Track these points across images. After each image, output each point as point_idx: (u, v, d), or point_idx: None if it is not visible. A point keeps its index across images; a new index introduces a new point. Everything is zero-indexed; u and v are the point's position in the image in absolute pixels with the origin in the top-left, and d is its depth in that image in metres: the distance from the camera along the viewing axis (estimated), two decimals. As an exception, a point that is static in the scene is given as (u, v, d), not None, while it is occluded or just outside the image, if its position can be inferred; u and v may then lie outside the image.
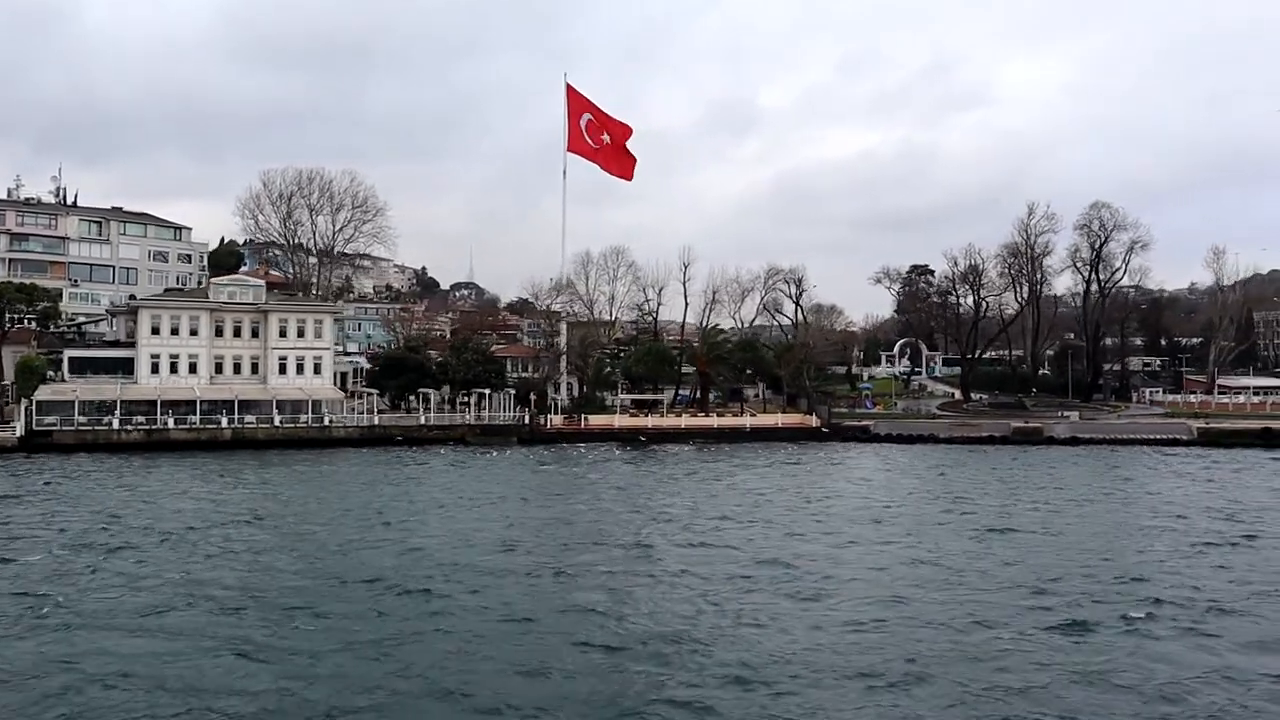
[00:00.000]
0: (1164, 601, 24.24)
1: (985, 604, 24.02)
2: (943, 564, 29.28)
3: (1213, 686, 17.95)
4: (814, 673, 18.68)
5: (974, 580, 27.01)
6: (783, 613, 23.32)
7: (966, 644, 20.59)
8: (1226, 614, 23.16)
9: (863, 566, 29.00)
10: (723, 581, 26.94)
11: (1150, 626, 22.02)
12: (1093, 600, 24.46)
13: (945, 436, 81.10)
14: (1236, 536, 34.51)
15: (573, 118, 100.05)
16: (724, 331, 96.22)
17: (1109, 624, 22.19)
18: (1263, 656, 19.83)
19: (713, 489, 50.13)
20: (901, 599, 24.65)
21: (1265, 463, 62.76)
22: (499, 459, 68.54)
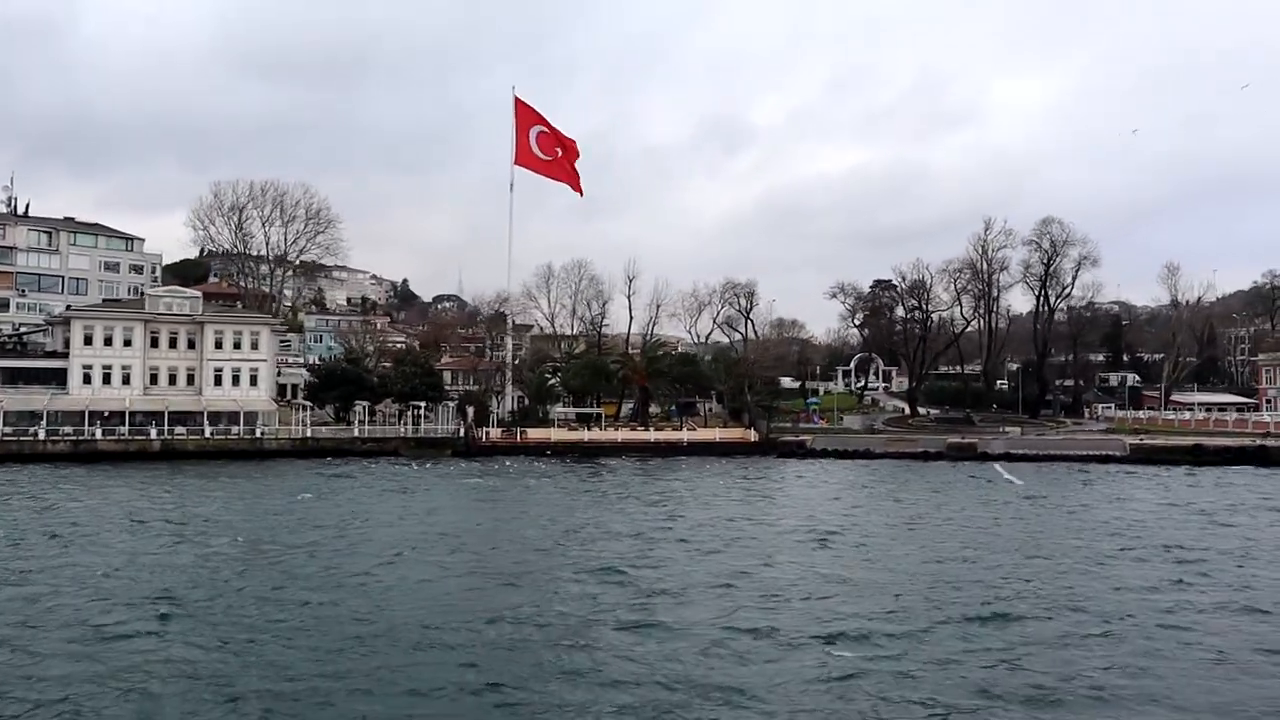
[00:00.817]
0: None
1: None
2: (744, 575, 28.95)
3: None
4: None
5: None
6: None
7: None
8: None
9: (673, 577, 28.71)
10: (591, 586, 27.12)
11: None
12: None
13: (880, 452, 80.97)
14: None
15: (521, 131, 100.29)
16: (665, 345, 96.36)
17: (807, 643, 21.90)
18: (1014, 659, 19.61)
19: (625, 505, 49.62)
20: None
21: (1180, 478, 62.53)
22: (421, 472, 68.21)
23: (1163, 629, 22.52)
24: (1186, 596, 26.02)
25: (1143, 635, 21.92)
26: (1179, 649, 20.79)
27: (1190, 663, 19.78)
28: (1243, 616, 23.92)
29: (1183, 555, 32.61)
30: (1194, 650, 20.70)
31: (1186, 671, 19.15)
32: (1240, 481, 60.19)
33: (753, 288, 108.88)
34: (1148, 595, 26.17)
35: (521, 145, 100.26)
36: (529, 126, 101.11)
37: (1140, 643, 21.26)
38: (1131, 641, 21.39)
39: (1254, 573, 29.59)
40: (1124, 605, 24.82)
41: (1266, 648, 20.88)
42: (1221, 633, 22.22)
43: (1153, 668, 19.38)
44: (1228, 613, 24.26)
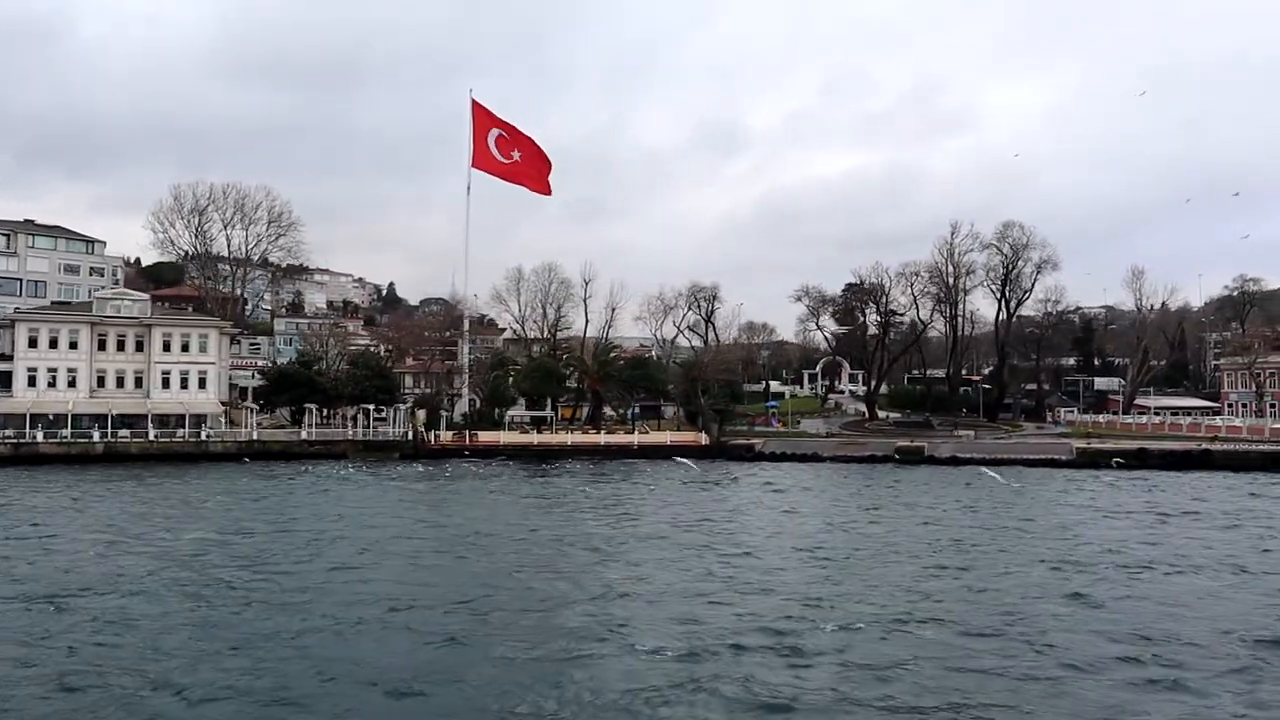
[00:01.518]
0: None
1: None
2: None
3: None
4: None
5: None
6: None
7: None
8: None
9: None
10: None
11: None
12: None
13: (828, 455, 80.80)
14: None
15: (479, 134, 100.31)
16: (617, 348, 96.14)
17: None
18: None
19: (552, 509, 49.43)
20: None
21: (1116, 483, 62.33)
22: (356, 475, 68.01)
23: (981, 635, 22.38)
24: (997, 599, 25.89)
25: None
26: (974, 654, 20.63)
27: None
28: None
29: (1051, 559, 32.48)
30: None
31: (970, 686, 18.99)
32: (1168, 485, 60.03)
33: (715, 291, 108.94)
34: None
35: (479, 149, 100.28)
36: (486, 130, 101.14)
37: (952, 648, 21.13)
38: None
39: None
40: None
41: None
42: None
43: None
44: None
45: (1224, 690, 18.00)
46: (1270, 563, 31.93)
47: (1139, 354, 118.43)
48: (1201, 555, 33.09)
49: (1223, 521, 42.11)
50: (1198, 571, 30.14)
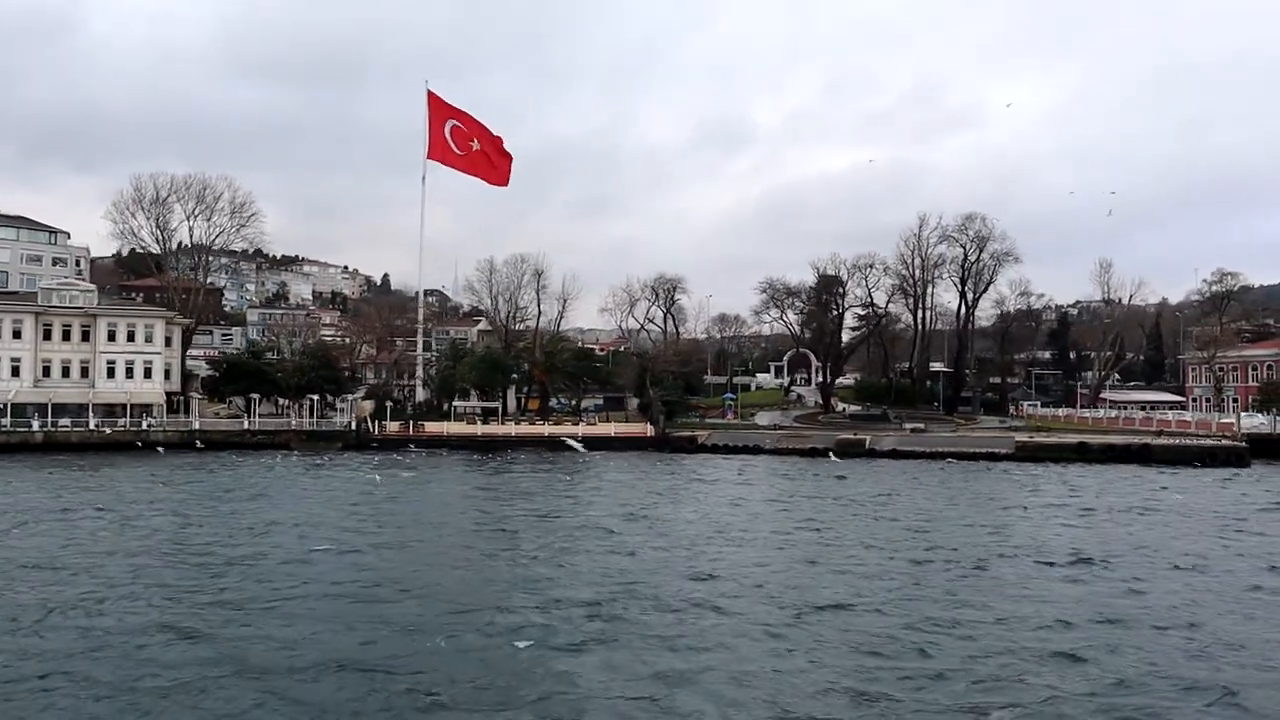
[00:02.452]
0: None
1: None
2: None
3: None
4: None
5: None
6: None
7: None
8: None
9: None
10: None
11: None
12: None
13: (770, 448, 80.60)
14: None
15: (434, 125, 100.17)
16: (565, 340, 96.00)
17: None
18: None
19: (465, 497, 49.54)
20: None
21: (1039, 476, 61.89)
22: (288, 464, 68.28)
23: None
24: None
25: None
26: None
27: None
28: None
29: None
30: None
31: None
32: (1089, 478, 59.60)
33: (675, 283, 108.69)
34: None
35: (435, 139, 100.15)
36: (443, 120, 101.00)
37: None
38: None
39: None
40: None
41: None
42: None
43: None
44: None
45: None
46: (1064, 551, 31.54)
47: (1105, 348, 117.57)
48: (1031, 547, 32.97)
49: (1104, 515, 41.80)
50: (1007, 565, 30.00)
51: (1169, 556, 31.17)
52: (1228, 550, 32.80)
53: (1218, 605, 24.18)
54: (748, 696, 16.92)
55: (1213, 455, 72.64)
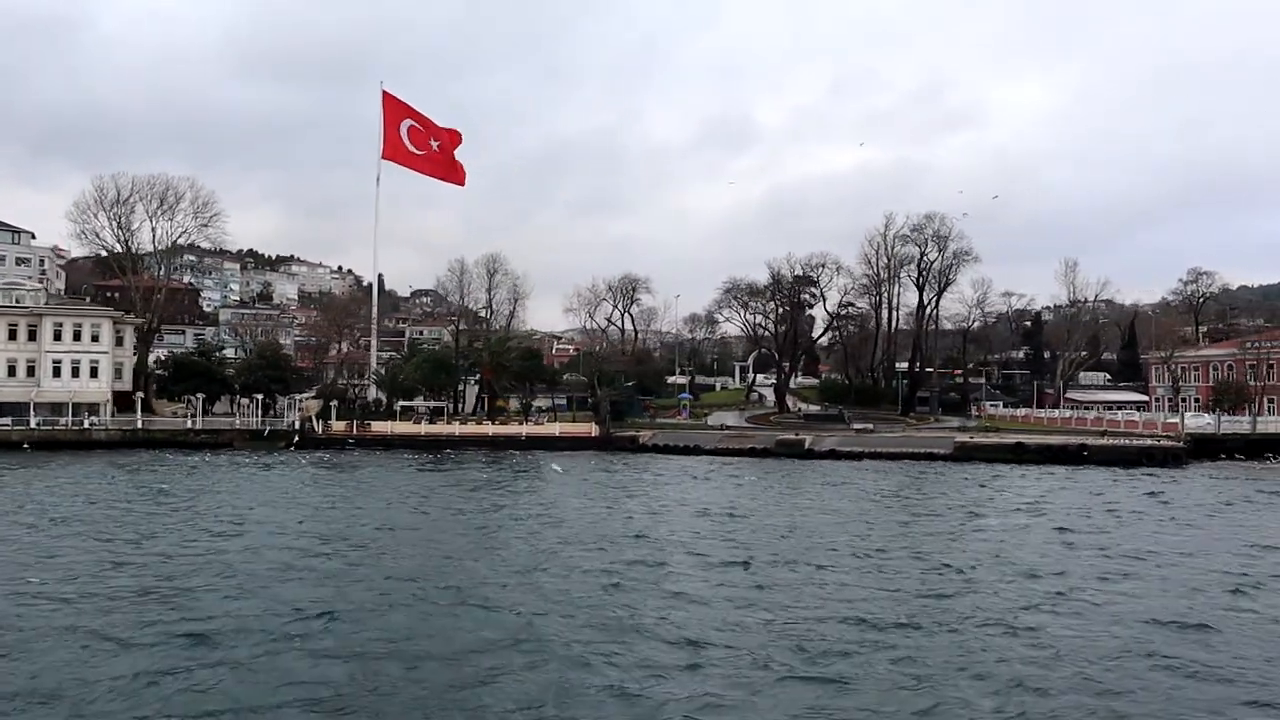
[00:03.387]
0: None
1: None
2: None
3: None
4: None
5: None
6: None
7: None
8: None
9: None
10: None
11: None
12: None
13: (710, 448, 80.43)
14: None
15: (390, 125, 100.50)
16: (513, 339, 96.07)
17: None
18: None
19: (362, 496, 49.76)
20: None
21: (966, 477, 61.55)
22: (218, 462, 68.74)
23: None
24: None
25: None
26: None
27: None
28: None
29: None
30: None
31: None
32: (1007, 478, 59.32)
33: (634, 283, 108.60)
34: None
35: (390, 139, 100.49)
36: (399, 121, 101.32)
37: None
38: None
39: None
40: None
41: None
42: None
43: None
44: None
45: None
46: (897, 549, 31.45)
47: (1070, 348, 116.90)
48: (880, 545, 32.88)
49: (987, 518, 41.60)
50: (838, 562, 29.93)
51: (946, 558, 31.03)
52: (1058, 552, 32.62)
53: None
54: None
55: (1149, 456, 72.26)
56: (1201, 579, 27.65)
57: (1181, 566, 29.78)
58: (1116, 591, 25.99)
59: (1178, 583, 27.21)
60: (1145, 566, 29.75)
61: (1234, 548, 33.37)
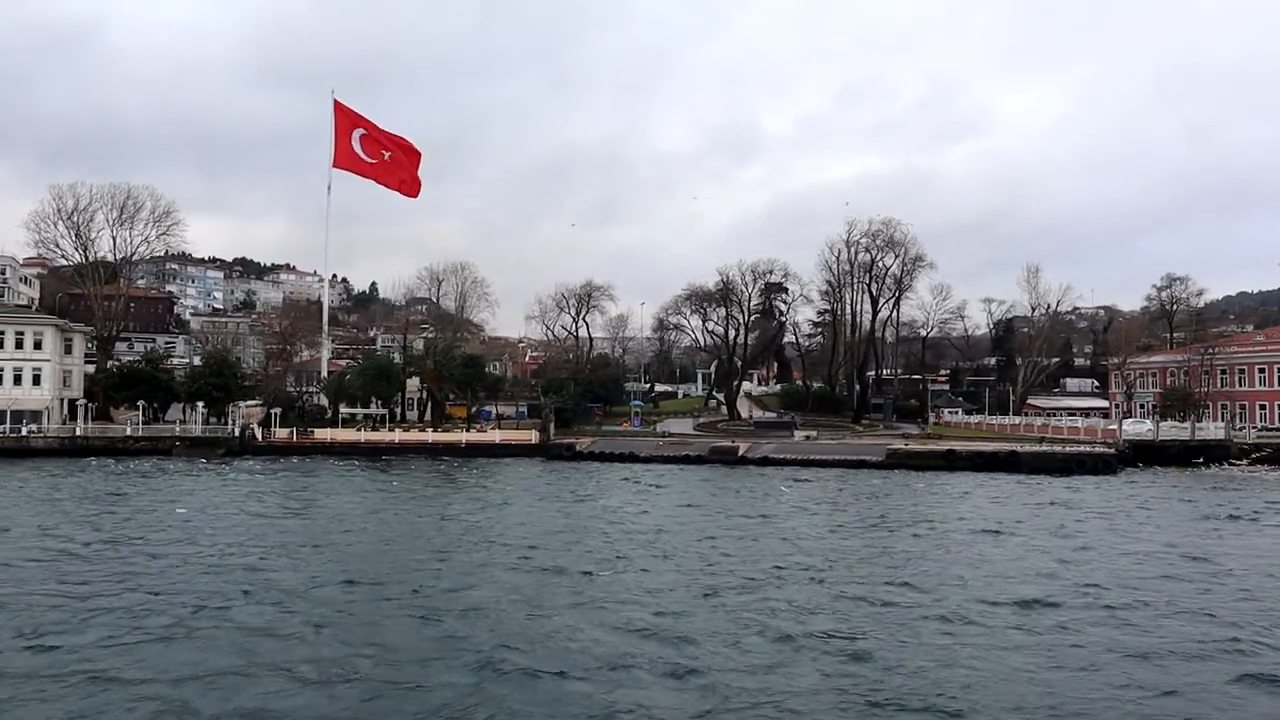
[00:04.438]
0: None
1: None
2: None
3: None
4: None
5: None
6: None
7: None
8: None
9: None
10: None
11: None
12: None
13: (644, 455, 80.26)
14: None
15: (341, 134, 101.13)
16: (456, 347, 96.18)
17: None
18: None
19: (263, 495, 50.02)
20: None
21: (876, 482, 61.26)
22: (139, 467, 69.11)
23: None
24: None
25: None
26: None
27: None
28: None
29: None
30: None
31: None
32: (915, 485, 58.99)
33: (590, 290, 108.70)
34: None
35: (342, 148, 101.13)
36: (350, 130, 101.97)
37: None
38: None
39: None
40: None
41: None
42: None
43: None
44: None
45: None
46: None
47: (1033, 354, 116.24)
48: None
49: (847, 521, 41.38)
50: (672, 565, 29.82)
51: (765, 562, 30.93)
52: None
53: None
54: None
55: (1080, 463, 71.63)
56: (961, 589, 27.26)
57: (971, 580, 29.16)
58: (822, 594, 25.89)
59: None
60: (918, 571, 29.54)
61: (1038, 560, 32.42)
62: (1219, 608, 24.69)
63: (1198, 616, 23.82)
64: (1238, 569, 30.39)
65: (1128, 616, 23.71)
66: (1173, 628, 22.70)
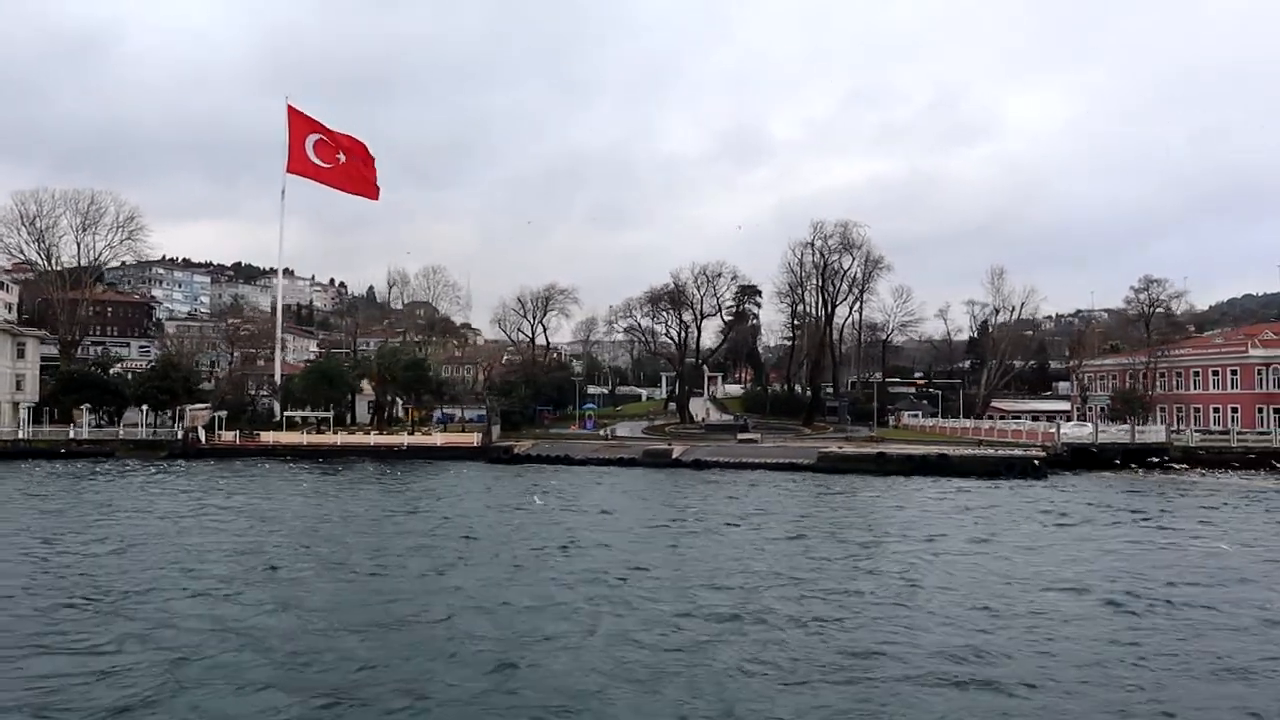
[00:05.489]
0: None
1: None
2: None
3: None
4: None
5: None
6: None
7: None
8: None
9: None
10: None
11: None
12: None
13: (579, 458, 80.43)
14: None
15: (295, 139, 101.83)
16: (401, 351, 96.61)
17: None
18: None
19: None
20: None
21: (788, 484, 61.06)
22: (69, 469, 69.81)
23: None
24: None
25: None
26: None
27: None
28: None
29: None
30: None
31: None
32: (825, 488, 58.78)
33: (549, 294, 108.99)
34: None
35: (295, 153, 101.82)
36: (304, 135, 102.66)
37: None
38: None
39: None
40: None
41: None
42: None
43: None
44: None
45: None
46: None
47: (996, 357, 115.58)
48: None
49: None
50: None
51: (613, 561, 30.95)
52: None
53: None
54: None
55: (1009, 466, 71.09)
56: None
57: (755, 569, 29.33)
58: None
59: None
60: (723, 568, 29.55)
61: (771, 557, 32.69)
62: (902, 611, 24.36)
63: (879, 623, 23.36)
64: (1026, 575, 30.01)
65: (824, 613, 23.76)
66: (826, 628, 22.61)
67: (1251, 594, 26.65)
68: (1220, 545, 35.71)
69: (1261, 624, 23.13)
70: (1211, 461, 76.04)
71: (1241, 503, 52.22)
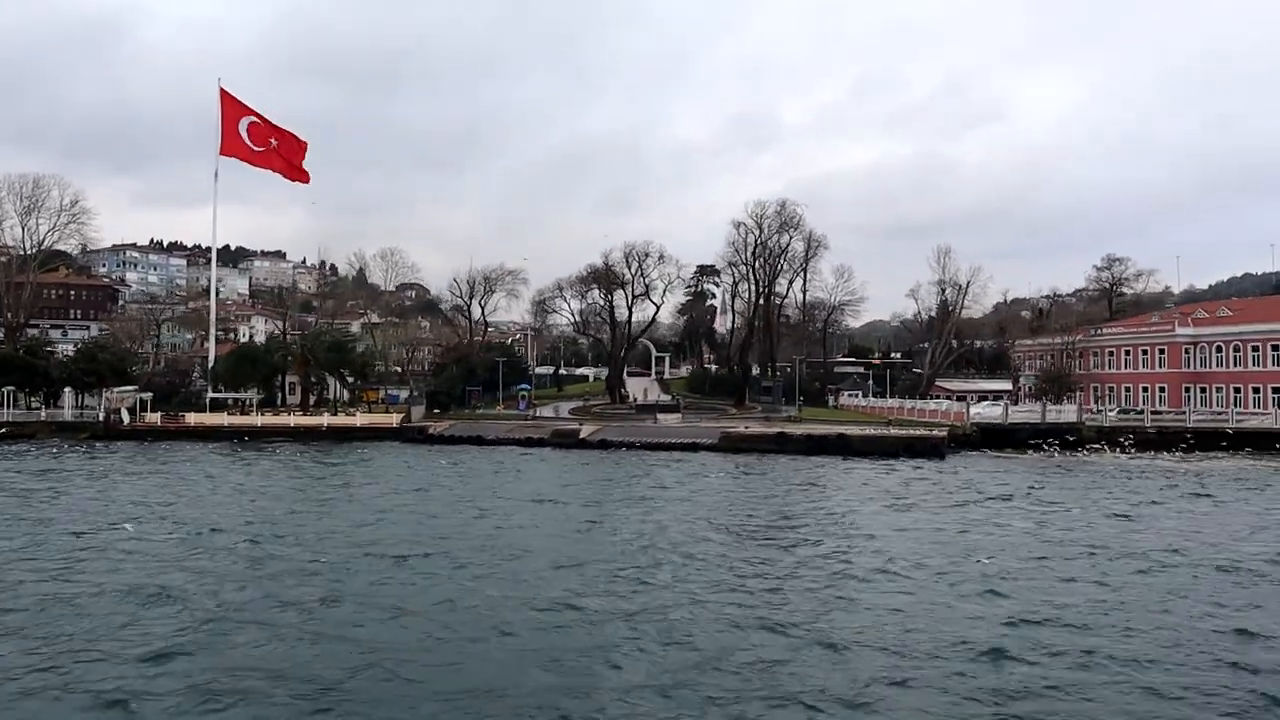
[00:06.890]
0: None
1: None
2: None
3: None
4: None
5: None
6: None
7: None
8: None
9: None
10: None
11: None
12: None
13: (493, 438, 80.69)
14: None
15: (227, 122, 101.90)
16: (325, 332, 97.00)
17: None
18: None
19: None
20: None
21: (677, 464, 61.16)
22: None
23: None
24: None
25: None
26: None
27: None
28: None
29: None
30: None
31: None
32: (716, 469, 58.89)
33: (497, 274, 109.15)
34: None
35: (228, 135, 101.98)
36: (237, 118, 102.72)
37: None
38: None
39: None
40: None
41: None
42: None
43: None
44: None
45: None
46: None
47: (943, 338, 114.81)
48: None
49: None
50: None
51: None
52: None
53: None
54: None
55: (909, 447, 71.16)
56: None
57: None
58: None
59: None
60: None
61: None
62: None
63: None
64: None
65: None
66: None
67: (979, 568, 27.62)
68: (1013, 523, 36.18)
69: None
70: (1122, 442, 75.56)
71: (1119, 483, 51.95)
